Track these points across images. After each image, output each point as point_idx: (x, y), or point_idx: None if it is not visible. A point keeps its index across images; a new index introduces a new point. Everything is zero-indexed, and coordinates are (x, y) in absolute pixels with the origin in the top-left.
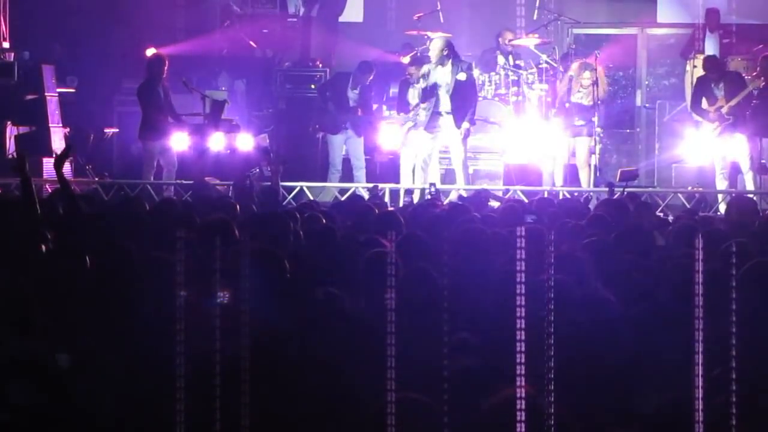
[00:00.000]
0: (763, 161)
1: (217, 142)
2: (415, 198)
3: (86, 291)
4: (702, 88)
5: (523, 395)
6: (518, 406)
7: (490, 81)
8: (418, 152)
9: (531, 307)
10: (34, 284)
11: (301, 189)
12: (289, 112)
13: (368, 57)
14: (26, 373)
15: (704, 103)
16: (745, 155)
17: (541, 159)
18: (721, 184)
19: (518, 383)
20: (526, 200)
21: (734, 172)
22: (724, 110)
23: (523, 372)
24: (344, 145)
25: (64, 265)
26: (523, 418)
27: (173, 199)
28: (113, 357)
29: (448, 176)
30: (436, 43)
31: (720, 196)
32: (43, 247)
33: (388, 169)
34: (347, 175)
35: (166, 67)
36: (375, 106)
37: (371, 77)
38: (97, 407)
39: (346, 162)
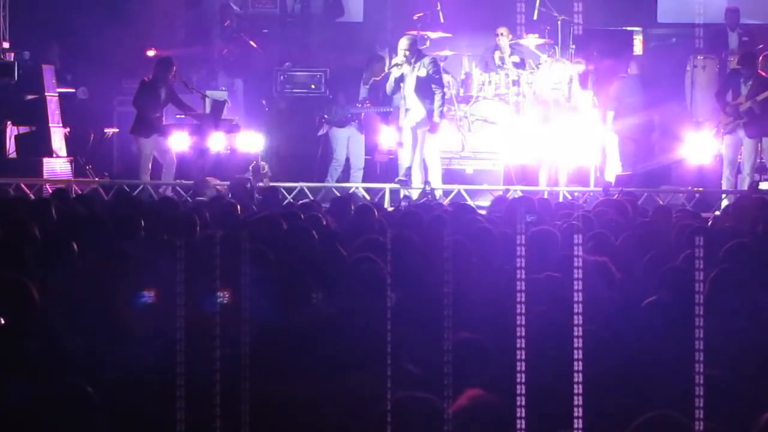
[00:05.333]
0: (759, 161)
1: (217, 142)
2: (414, 196)
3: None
4: (731, 80)
5: (523, 403)
6: (519, 407)
7: (490, 81)
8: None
9: (533, 307)
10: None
11: (302, 189)
12: (289, 112)
13: (368, 56)
14: (25, 370)
15: (729, 96)
16: (748, 158)
17: (540, 159)
18: (728, 184)
19: (519, 380)
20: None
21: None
22: (742, 108)
23: (523, 369)
24: (347, 142)
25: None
26: (523, 414)
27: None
28: (112, 357)
29: (448, 176)
30: (401, 42)
31: (724, 197)
32: None
33: (388, 169)
34: (346, 173)
35: (173, 71)
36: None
37: (384, 71)
38: (95, 407)
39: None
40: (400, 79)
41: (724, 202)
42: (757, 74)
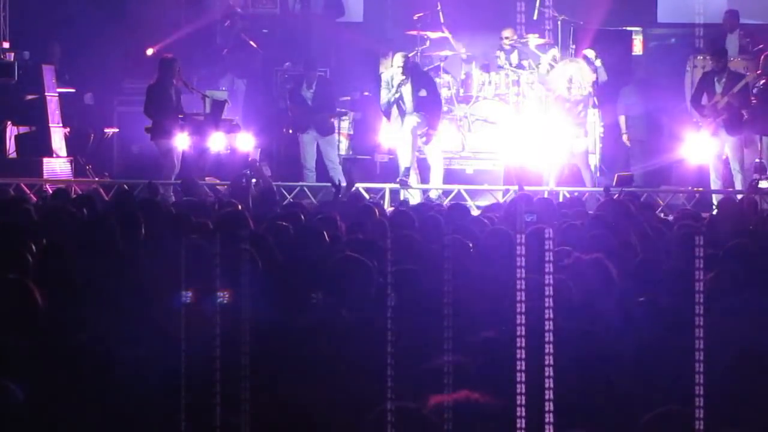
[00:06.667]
0: (757, 160)
1: (217, 142)
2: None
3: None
4: (705, 83)
5: (524, 402)
6: (519, 409)
7: (490, 81)
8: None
9: (531, 308)
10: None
11: (302, 189)
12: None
13: (368, 56)
14: (25, 369)
15: (704, 99)
16: (736, 156)
17: (541, 159)
18: (716, 185)
19: (519, 379)
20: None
21: (730, 172)
22: (719, 105)
23: (523, 368)
24: (315, 144)
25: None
26: (524, 414)
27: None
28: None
29: (448, 176)
30: (396, 59)
31: (714, 197)
32: None
33: (388, 169)
34: (323, 174)
35: (178, 69)
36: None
37: (317, 74)
38: (95, 407)
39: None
40: (399, 98)
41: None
42: (729, 69)
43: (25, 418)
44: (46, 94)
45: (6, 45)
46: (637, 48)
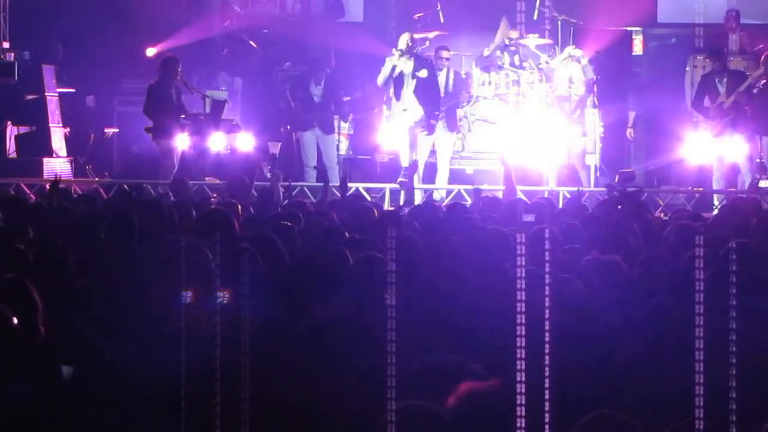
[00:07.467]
0: (758, 160)
1: (217, 142)
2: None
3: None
4: (705, 85)
5: (523, 394)
6: (519, 405)
7: (490, 81)
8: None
9: (531, 306)
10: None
11: (302, 189)
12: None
13: (368, 56)
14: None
15: (706, 101)
16: (743, 155)
17: (541, 159)
18: (719, 185)
19: (519, 379)
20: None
21: (733, 173)
22: (725, 105)
23: (524, 367)
24: (316, 143)
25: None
26: (523, 413)
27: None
28: (113, 359)
29: (452, 176)
30: (402, 38)
31: (716, 197)
32: None
33: (388, 169)
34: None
35: (179, 71)
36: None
37: (325, 72)
38: (96, 408)
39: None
40: (399, 77)
41: (716, 203)
42: (729, 69)
43: (5, 419)
44: (46, 94)
45: (6, 45)
46: (637, 48)
